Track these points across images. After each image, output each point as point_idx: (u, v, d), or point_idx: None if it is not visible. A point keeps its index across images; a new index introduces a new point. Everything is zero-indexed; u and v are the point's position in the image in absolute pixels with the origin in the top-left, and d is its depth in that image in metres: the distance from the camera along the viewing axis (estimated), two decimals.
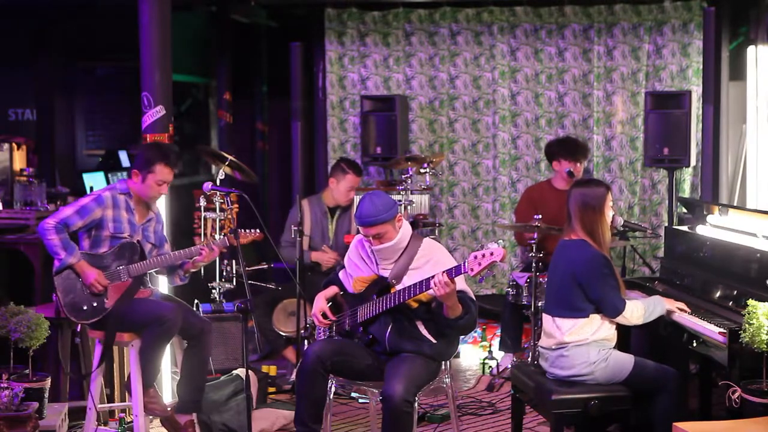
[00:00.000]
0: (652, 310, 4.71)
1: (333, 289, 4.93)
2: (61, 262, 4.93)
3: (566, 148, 6.82)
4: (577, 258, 4.61)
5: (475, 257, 4.34)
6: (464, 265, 4.38)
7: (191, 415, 5.18)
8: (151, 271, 5.26)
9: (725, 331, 4.32)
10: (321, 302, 4.86)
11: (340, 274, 4.97)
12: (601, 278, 4.56)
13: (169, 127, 5.82)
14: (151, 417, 5.28)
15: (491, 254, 4.30)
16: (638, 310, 4.65)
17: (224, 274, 6.38)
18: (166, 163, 5.14)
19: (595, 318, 4.60)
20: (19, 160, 6.78)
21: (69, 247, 4.95)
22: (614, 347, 4.66)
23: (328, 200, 6.91)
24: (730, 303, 4.71)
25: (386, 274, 4.72)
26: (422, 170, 7.00)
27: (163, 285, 5.62)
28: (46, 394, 4.89)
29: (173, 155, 5.20)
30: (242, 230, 5.33)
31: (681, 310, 4.77)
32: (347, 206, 6.92)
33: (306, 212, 6.84)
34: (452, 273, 4.39)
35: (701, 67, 7.46)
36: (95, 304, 4.99)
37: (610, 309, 4.59)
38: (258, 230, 5.44)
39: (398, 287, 4.64)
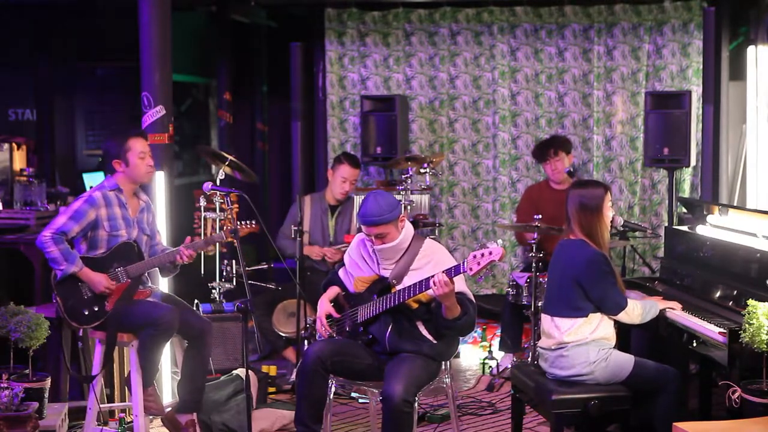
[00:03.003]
0: (649, 309, 4.75)
1: (335, 290, 4.92)
2: (63, 272, 4.90)
3: (534, 152, 7.08)
4: (577, 258, 4.61)
5: (474, 257, 4.34)
6: (463, 265, 4.38)
7: (192, 414, 5.18)
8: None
9: (725, 331, 4.32)
10: (325, 305, 4.85)
11: (340, 273, 4.97)
12: (602, 277, 4.57)
13: (169, 127, 5.82)
14: (151, 417, 5.28)
15: (490, 254, 4.31)
16: (637, 308, 4.68)
17: (224, 274, 6.38)
18: (134, 135, 5.15)
19: (594, 317, 4.60)
20: (19, 160, 6.77)
21: (70, 257, 4.91)
22: (614, 347, 4.66)
23: (329, 198, 6.94)
24: (730, 303, 4.71)
25: (387, 274, 4.72)
26: (422, 170, 7.00)
27: (163, 285, 5.62)
28: (46, 394, 4.89)
29: (136, 127, 5.21)
30: (239, 223, 5.30)
31: (673, 308, 4.81)
32: (347, 203, 6.92)
33: (306, 208, 6.87)
34: (451, 273, 4.40)
35: (701, 67, 7.46)
36: (96, 309, 4.98)
37: (613, 307, 4.59)
38: (254, 222, 5.42)
39: (398, 287, 4.64)
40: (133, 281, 5.09)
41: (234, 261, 6.36)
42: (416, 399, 4.50)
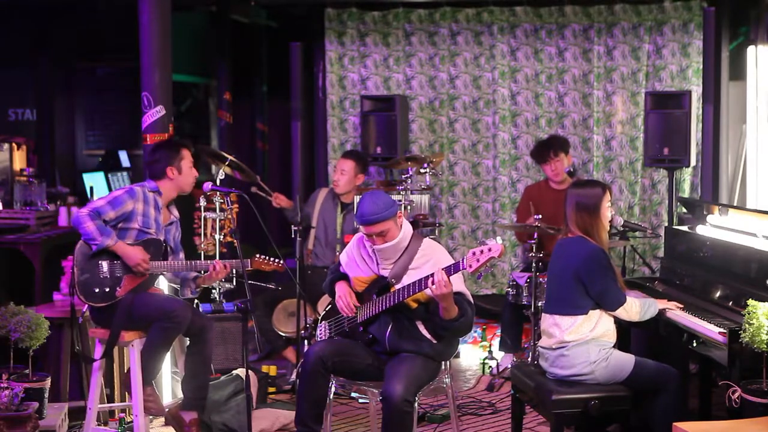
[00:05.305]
0: (647, 308, 4.74)
1: (345, 284, 4.89)
2: (98, 246, 4.91)
3: (533, 154, 7.06)
4: (577, 254, 4.62)
5: (474, 254, 4.34)
6: (463, 262, 4.37)
7: (196, 413, 5.17)
8: (166, 277, 5.30)
9: (725, 331, 4.32)
10: (344, 287, 4.81)
11: (341, 270, 4.95)
12: (601, 272, 4.57)
13: (169, 127, 5.83)
14: (151, 417, 5.28)
15: (489, 250, 4.30)
16: (636, 305, 4.68)
17: None
18: (184, 145, 5.28)
19: (593, 314, 4.60)
20: (19, 160, 6.79)
21: (105, 232, 4.93)
22: (614, 347, 4.66)
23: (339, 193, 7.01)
24: (730, 303, 4.71)
25: (386, 273, 4.72)
26: (422, 170, 7.00)
27: (164, 287, 5.61)
28: (46, 394, 4.89)
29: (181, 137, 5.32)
30: (265, 258, 5.28)
31: (672, 309, 4.81)
32: (352, 203, 6.94)
33: (319, 198, 6.95)
34: (451, 270, 4.39)
35: (701, 67, 7.46)
36: (107, 290, 4.98)
37: (613, 302, 4.59)
38: (281, 261, 5.39)
39: (397, 287, 4.64)
40: (151, 278, 5.11)
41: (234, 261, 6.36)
42: (416, 399, 4.50)
